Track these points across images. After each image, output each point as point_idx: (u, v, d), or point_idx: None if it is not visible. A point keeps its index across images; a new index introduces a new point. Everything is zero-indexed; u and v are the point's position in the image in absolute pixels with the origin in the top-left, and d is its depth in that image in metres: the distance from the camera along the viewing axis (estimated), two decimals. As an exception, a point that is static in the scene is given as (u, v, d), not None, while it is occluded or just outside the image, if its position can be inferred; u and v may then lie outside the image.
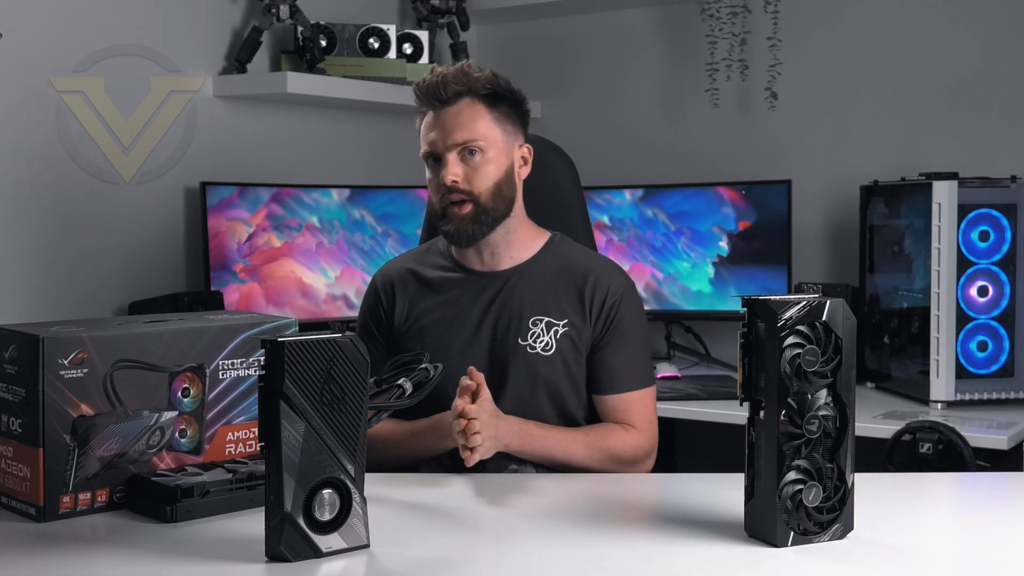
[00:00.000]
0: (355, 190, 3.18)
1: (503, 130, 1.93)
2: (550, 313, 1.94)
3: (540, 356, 1.92)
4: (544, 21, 3.72)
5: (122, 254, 2.83)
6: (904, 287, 2.84)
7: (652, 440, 1.95)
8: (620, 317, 1.95)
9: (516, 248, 1.98)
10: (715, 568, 1.32)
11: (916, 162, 3.07)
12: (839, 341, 1.37)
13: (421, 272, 2.03)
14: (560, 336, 1.93)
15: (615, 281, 1.97)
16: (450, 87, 1.90)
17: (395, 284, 2.03)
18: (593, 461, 1.87)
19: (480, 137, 1.90)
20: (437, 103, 1.92)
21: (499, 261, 1.98)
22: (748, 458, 1.39)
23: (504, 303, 1.95)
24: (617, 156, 3.58)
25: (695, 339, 3.34)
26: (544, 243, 2.01)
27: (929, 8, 3.13)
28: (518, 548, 1.42)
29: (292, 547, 1.31)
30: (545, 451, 1.84)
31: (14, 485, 1.52)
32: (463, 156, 1.90)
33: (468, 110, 1.91)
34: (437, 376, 1.58)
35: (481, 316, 1.95)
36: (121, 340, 1.54)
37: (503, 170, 1.93)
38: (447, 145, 1.90)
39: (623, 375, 1.94)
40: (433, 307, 1.98)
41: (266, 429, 1.31)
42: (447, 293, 1.99)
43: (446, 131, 1.90)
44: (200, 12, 2.98)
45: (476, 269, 1.99)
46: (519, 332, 1.93)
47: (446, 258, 2.03)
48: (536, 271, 1.98)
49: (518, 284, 1.96)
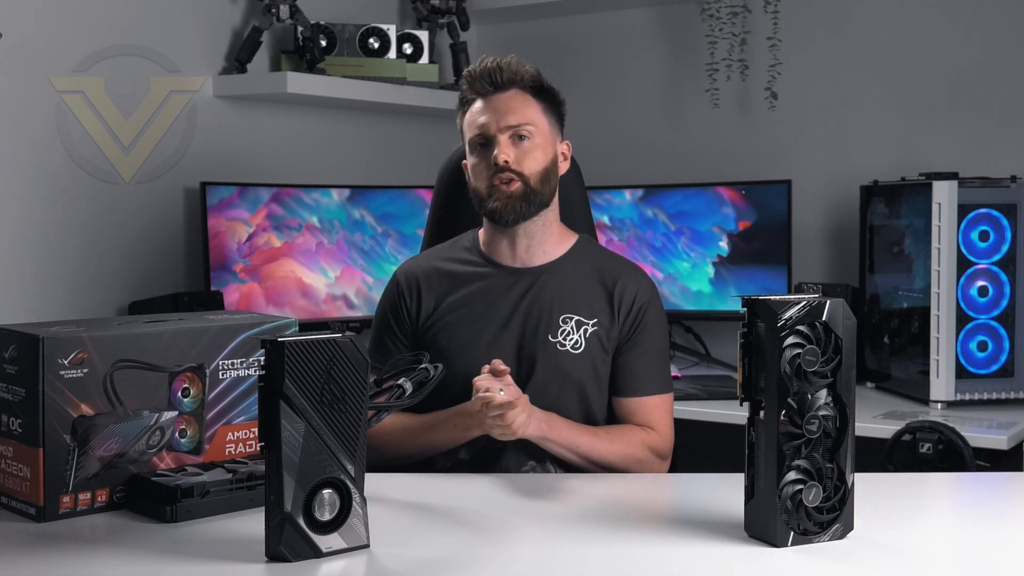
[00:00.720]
0: (355, 190, 3.18)
1: (549, 121, 1.98)
2: (580, 312, 1.94)
3: (570, 354, 1.92)
4: (544, 21, 3.72)
5: (122, 254, 2.83)
6: (904, 287, 2.84)
7: (670, 444, 1.96)
8: (646, 321, 1.96)
9: (549, 244, 1.99)
10: (715, 568, 1.32)
11: (916, 162, 3.07)
12: (839, 341, 1.37)
13: (447, 267, 2.02)
14: (590, 335, 1.93)
15: (643, 285, 2.00)
16: (505, 73, 1.94)
17: (420, 281, 2.01)
18: (615, 458, 1.87)
19: (532, 122, 1.94)
20: (491, 88, 1.94)
21: (532, 256, 1.98)
22: (748, 458, 1.39)
23: (535, 299, 1.95)
24: (617, 156, 3.58)
25: (695, 339, 3.34)
26: (574, 243, 2.03)
27: (929, 8, 3.13)
28: (518, 548, 1.42)
29: (292, 547, 1.31)
30: (572, 443, 1.84)
31: (14, 485, 1.52)
32: (514, 140, 1.93)
33: (520, 97, 1.95)
34: (437, 376, 1.58)
35: (511, 311, 1.95)
36: (121, 340, 1.54)
37: (550, 158, 1.96)
38: (500, 127, 1.92)
39: (645, 378, 1.95)
40: (461, 301, 1.97)
41: (266, 429, 1.31)
42: (475, 287, 1.98)
43: (500, 114, 1.93)
44: (200, 12, 2.98)
45: (507, 264, 1.99)
46: (549, 329, 1.93)
47: (474, 253, 2.02)
48: (567, 270, 1.98)
49: (550, 281, 1.97)
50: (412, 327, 2.00)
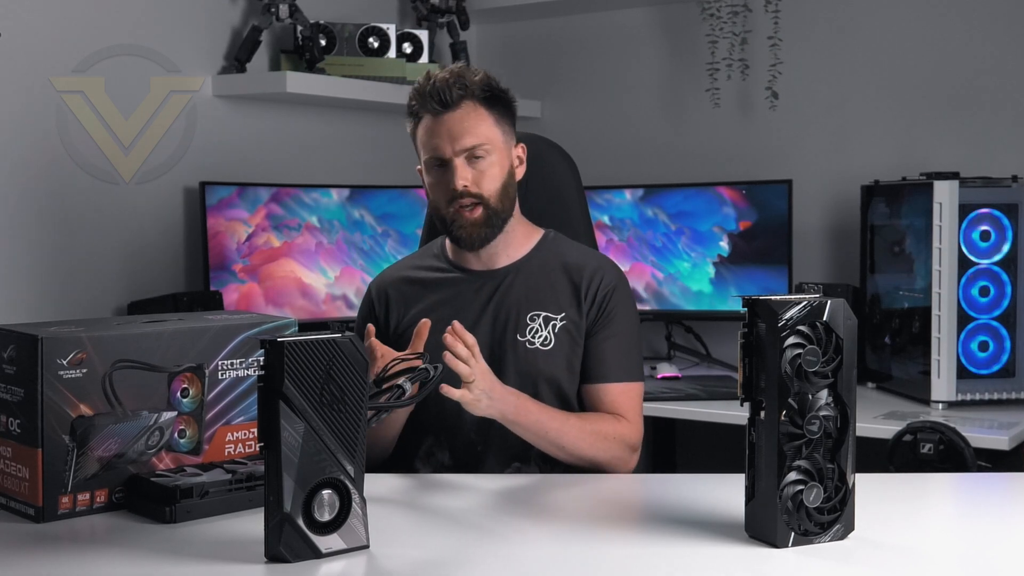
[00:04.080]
0: (355, 190, 3.18)
1: (502, 131, 1.94)
2: (547, 308, 1.94)
3: (539, 351, 1.92)
4: (544, 20, 3.72)
5: (121, 254, 2.83)
6: (905, 287, 2.84)
7: (640, 434, 1.94)
8: (611, 308, 1.95)
9: (513, 246, 1.99)
10: (715, 569, 1.32)
11: (917, 162, 3.06)
12: (840, 341, 1.37)
13: (415, 276, 2.03)
14: (559, 330, 1.93)
15: (608, 274, 1.98)
16: (454, 91, 1.89)
17: (389, 292, 2.04)
18: (585, 445, 1.84)
19: (486, 141, 1.90)
20: (440, 108, 1.90)
21: (496, 259, 1.99)
22: (748, 458, 1.38)
23: (501, 300, 1.95)
24: (617, 156, 3.58)
25: (695, 339, 3.34)
26: (538, 240, 2.02)
27: (930, 7, 3.13)
28: (518, 548, 1.42)
29: (291, 548, 1.31)
30: (540, 426, 1.81)
31: (13, 485, 1.51)
32: (470, 160, 1.90)
33: (472, 114, 1.90)
34: (437, 376, 1.57)
35: (479, 314, 1.95)
36: (120, 340, 1.54)
37: (506, 171, 1.94)
38: (455, 151, 1.89)
39: (613, 365, 1.94)
40: (429, 308, 1.98)
41: (265, 429, 1.30)
42: (443, 293, 1.99)
43: (453, 136, 1.89)
44: (199, 12, 2.98)
45: (473, 268, 1.99)
46: (517, 328, 1.93)
47: (441, 260, 2.03)
48: (532, 267, 1.98)
49: (515, 281, 1.97)
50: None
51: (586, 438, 1.85)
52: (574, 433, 1.84)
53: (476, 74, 1.92)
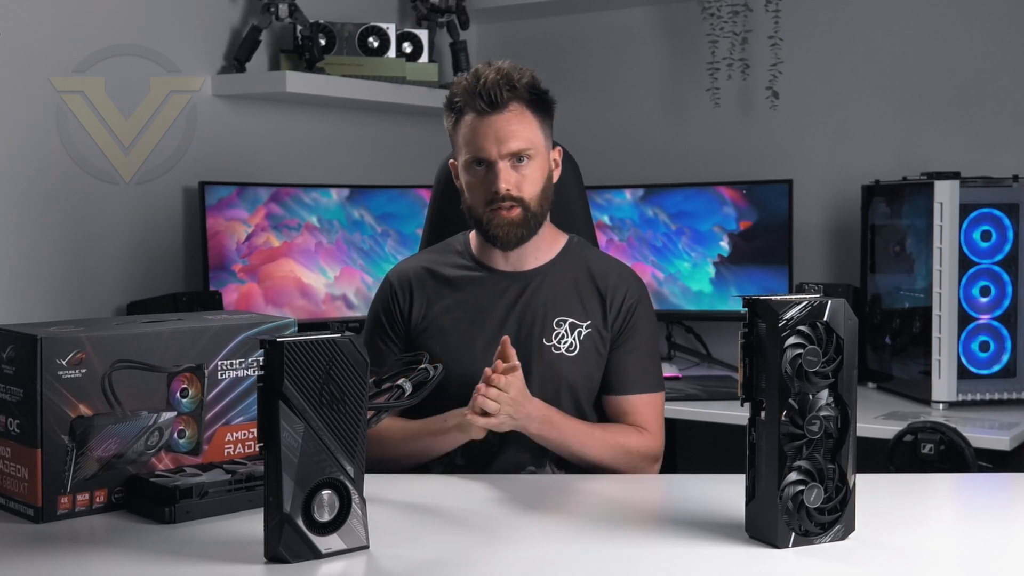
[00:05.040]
0: (354, 190, 3.18)
1: (544, 135, 1.95)
2: (574, 314, 1.94)
3: (564, 357, 1.92)
4: (544, 20, 3.72)
5: (121, 254, 2.83)
6: (906, 287, 2.84)
7: (661, 444, 1.96)
8: (635, 320, 1.96)
9: (542, 250, 1.99)
10: (715, 569, 1.32)
11: (918, 162, 3.06)
12: (840, 341, 1.37)
13: (439, 271, 2.01)
14: (584, 337, 1.93)
15: (632, 285, 1.99)
16: (503, 92, 1.87)
17: (412, 282, 2.00)
18: (607, 457, 1.87)
19: (531, 145, 1.90)
20: (487, 108, 1.88)
21: (524, 261, 1.98)
22: (749, 459, 1.38)
23: (528, 303, 1.95)
24: (618, 155, 3.58)
25: (696, 339, 3.34)
26: (564, 245, 2.02)
27: (931, 7, 3.13)
28: (518, 548, 1.41)
29: (291, 548, 1.31)
30: (562, 439, 1.84)
31: (12, 486, 1.51)
32: (513, 163, 1.89)
33: (519, 117, 1.89)
34: (437, 376, 1.57)
35: (505, 315, 1.94)
36: (120, 340, 1.53)
37: (546, 174, 1.94)
38: (501, 153, 1.88)
39: (636, 377, 1.95)
40: (453, 305, 1.97)
41: (265, 430, 1.30)
42: (467, 291, 1.98)
43: (500, 139, 1.88)
44: (199, 12, 2.98)
45: (499, 268, 1.98)
46: (543, 332, 1.93)
47: (465, 257, 2.02)
48: (559, 272, 1.98)
49: (542, 285, 1.96)
50: (404, 328, 1.99)
51: (607, 451, 1.87)
52: (597, 447, 1.87)
53: (523, 76, 1.91)
